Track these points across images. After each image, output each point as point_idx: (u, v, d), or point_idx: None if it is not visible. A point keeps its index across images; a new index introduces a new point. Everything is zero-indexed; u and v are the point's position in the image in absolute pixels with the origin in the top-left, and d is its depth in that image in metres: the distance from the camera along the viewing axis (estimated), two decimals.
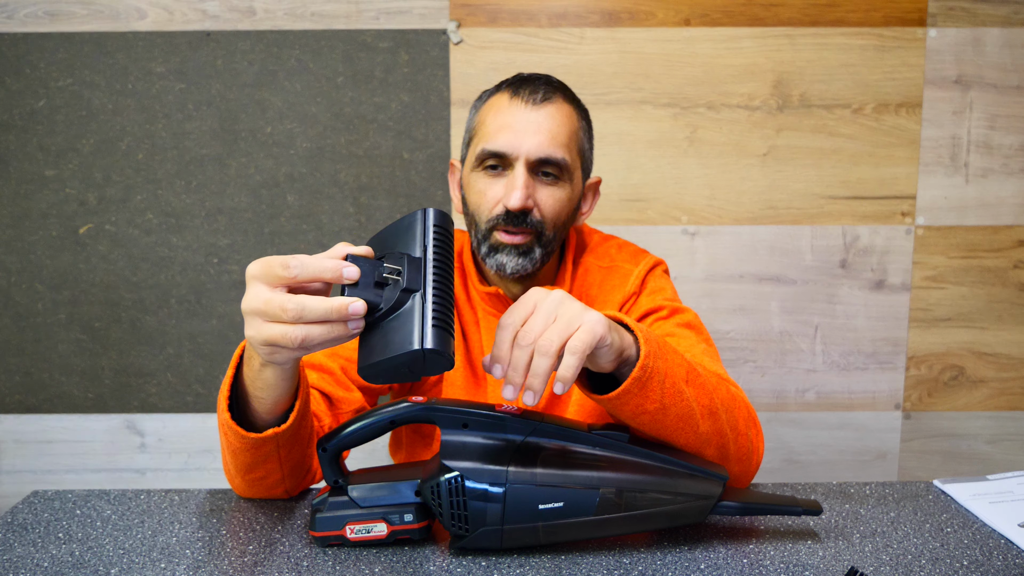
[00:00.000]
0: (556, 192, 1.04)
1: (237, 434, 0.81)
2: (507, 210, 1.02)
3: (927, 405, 1.73)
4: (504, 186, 1.03)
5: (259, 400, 0.80)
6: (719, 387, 0.86)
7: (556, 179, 1.04)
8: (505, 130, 1.03)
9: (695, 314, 1.06)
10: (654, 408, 0.78)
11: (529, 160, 1.02)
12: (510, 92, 1.06)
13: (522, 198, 1.00)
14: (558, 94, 1.06)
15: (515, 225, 1.02)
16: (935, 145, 1.66)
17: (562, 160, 1.03)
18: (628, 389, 0.76)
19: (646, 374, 0.76)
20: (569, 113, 1.06)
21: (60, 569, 0.77)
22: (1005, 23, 1.62)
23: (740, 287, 1.69)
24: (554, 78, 1.09)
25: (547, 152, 1.02)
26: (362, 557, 0.79)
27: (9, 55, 1.62)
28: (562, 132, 1.04)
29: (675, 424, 0.80)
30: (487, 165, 1.04)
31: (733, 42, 1.63)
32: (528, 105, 1.03)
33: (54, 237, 1.66)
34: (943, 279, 1.69)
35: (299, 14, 1.61)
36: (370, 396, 1.03)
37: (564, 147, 1.04)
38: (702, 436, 0.82)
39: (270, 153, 1.65)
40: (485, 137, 1.04)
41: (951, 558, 0.79)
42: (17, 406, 1.71)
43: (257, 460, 0.84)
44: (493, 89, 1.10)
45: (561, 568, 0.76)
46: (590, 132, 1.12)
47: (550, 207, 1.04)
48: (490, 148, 1.03)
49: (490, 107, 1.07)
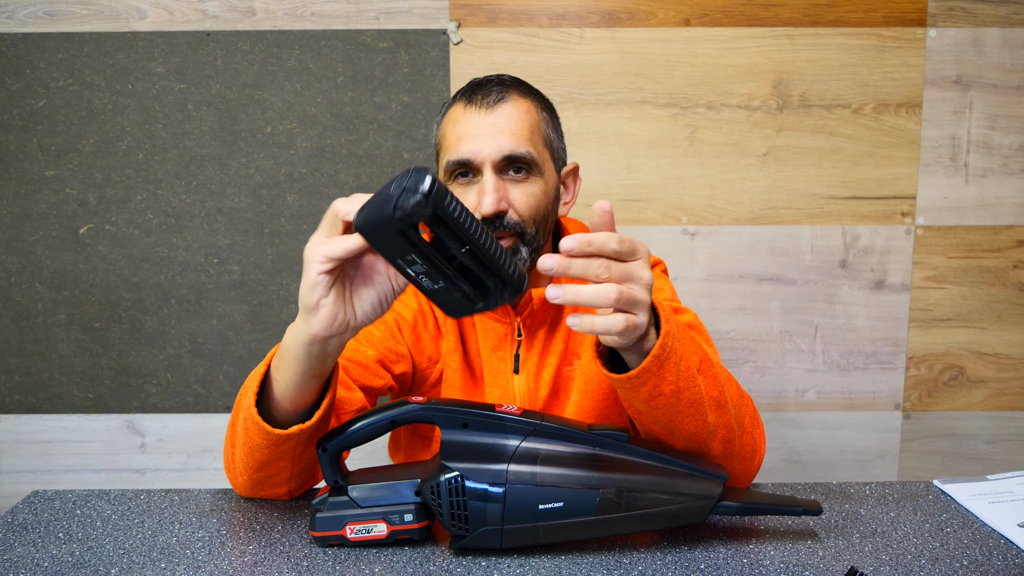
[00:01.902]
0: (529, 188, 1.04)
1: (261, 430, 0.81)
2: (483, 217, 1.02)
3: (927, 405, 1.73)
4: (476, 193, 1.03)
5: (283, 396, 0.81)
6: (729, 382, 0.87)
7: (528, 174, 1.04)
8: (464, 139, 1.03)
9: (695, 314, 1.06)
10: (670, 391, 0.78)
11: (494, 162, 1.02)
12: (464, 101, 1.06)
13: (494, 202, 1.00)
14: (511, 91, 1.06)
15: (495, 230, 1.02)
16: (935, 145, 1.66)
17: (527, 154, 1.03)
18: (648, 367, 0.75)
19: (665, 352, 0.76)
20: (527, 108, 1.06)
21: (60, 569, 0.77)
22: (1005, 23, 1.62)
23: (740, 287, 1.69)
24: (507, 76, 1.09)
25: (509, 150, 1.02)
26: (362, 557, 0.79)
27: (9, 55, 1.62)
28: (522, 128, 1.04)
29: (687, 410, 0.80)
30: (457, 175, 1.05)
31: (733, 42, 1.63)
32: (483, 110, 1.04)
33: (54, 237, 1.66)
34: (943, 279, 1.69)
35: (299, 14, 1.61)
36: (371, 396, 1.03)
37: (527, 141, 1.04)
38: (710, 426, 0.82)
39: (270, 153, 1.65)
40: (448, 149, 1.05)
41: (951, 558, 0.79)
42: (17, 406, 1.71)
43: (272, 458, 0.85)
44: (450, 101, 1.10)
45: (561, 568, 0.76)
46: (555, 122, 1.12)
47: (524, 204, 1.04)
48: (454, 158, 1.04)
49: (448, 119, 1.08)
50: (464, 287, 0.70)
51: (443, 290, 0.70)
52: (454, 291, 0.70)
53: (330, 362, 0.80)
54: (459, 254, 0.68)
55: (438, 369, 1.09)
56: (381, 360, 1.04)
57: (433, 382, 1.10)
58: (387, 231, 0.66)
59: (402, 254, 0.68)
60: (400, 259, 0.69)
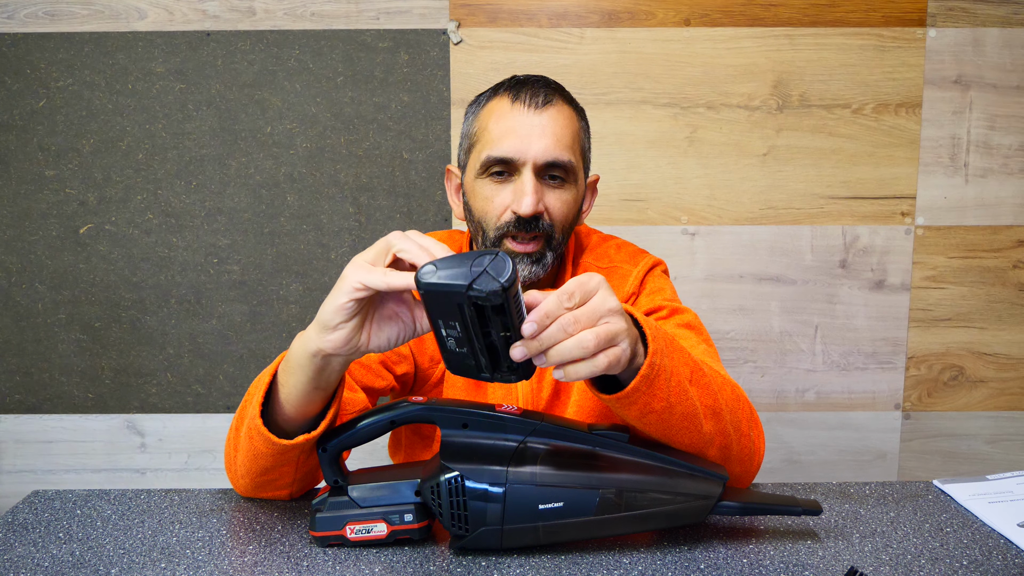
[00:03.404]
0: (563, 195, 1.04)
1: (266, 439, 0.81)
2: (517, 217, 1.01)
3: (927, 405, 1.73)
4: (512, 192, 1.02)
5: (288, 404, 0.81)
6: (723, 387, 0.86)
7: (563, 182, 1.04)
8: (510, 135, 1.02)
9: (695, 314, 1.06)
10: (661, 407, 0.77)
11: (536, 165, 1.01)
12: (510, 96, 1.05)
13: (533, 203, 1.00)
14: (558, 96, 1.06)
15: (527, 231, 1.02)
16: (935, 145, 1.66)
17: (568, 163, 1.03)
18: (637, 387, 0.75)
19: (654, 371, 0.75)
20: (570, 115, 1.06)
21: (60, 569, 0.77)
22: (1005, 23, 1.62)
23: (740, 287, 1.69)
24: (551, 79, 1.09)
25: (554, 156, 1.02)
26: (362, 557, 0.79)
27: (9, 55, 1.62)
28: (566, 134, 1.04)
29: (680, 424, 0.80)
30: (492, 172, 1.04)
31: (733, 42, 1.63)
32: (531, 109, 1.03)
33: (54, 237, 1.66)
34: (943, 279, 1.69)
35: (299, 14, 1.61)
36: (373, 397, 1.03)
37: (569, 149, 1.04)
38: (705, 436, 0.82)
39: (270, 153, 1.65)
40: (489, 143, 1.03)
41: (951, 558, 0.79)
42: (17, 406, 1.71)
43: (275, 464, 0.84)
44: (489, 93, 1.08)
45: (561, 568, 0.76)
46: (588, 131, 1.12)
47: (559, 210, 1.04)
48: (496, 155, 1.02)
49: (490, 112, 1.06)
50: (482, 359, 0.73)
51: (462, 354, 0.73)
52: (471, 358, 0.73)
53: (335, 377, 0.80)
54: (496, 336, 0.71)
55: (440, 369, 1.09)
56: (383, 361, 1.04)
57: (435, 382, 1.10)
58: (448, 300, 0.69)
59: (446, 318, 0.70)
60: (441, 320, 0.71)
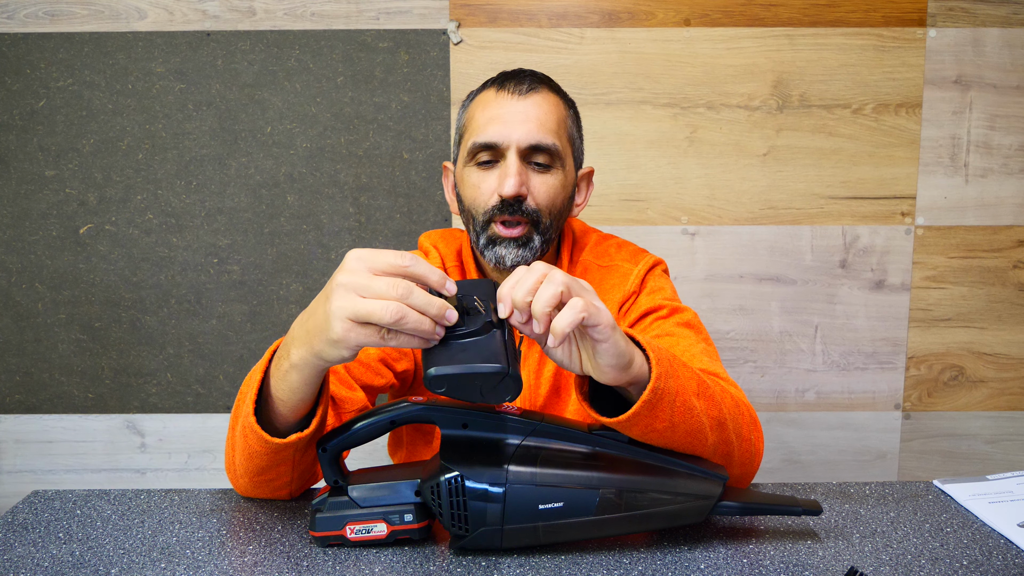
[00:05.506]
0: (549, 179, 1.05)
1: (260, 439, 0.80)
2: (502, 199, 1.03)
3: (927, 405, 1.73)
4: (497, 176, 1.04)
5: (282, 403, 0.80)
6: (725, 396, 0.86)
7: (548, 167, 1.06)
8: (494, 121, 1.04)
9: (695, 313, 1.06)
10: (663, 427, 0.77)
11: (520, 148, 1.03)
12: (496, 87, 1.08)
13: (516, 184, 1.02)
14: (543, 85, 1.08)
15: (511, 214, 1.03)
16: (935, 145, 1.66)
17: (552, 146, 1.04)
18: (638, 412, 0.75)
19: (656, 396, 0.75)
20: (555, 102, 1.08)
21: (60, 569, 0.77)
22: (1005, 23, 1.62)
23: (740, 287, 1.69)
24: (538, 72, 1.11)
25: (537, 138, 1.03)
26: (362, 557, 0.79)
27: (9, 55, 1.62)
28: (550, 119, 1.05)
29: (684, 439, 0.79)
30: (480, 160, 1.06)
31: (733, 42, 1.63)
32: (515, 96, 1.05)
33: (54, 237, 1.66)
34: (943, 279, 1.69)
35: (299, 14, 1.61)
36: (372, 395, 1.03)
37: (553, 133, 1.05)
38: (709, 448, 0.82)
39: (270, 153, 1.65)
40: (475, 131, 1.06)
41: (951, 558, 0.79)
42: (17, 406, 1.71)
43: (272, 463, 0.84)
44: (479, 88, 1.11)
45: (561, 568, 0.76)
46: (578, 122, 1.13)
47: (544, 194, 1.05)
48: (480, 140, 1.04)
49: (477, 103, 1.09)
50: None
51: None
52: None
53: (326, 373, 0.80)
54: None
55: None
56: (383, 358, 1.04)
57: None
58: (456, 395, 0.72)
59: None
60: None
